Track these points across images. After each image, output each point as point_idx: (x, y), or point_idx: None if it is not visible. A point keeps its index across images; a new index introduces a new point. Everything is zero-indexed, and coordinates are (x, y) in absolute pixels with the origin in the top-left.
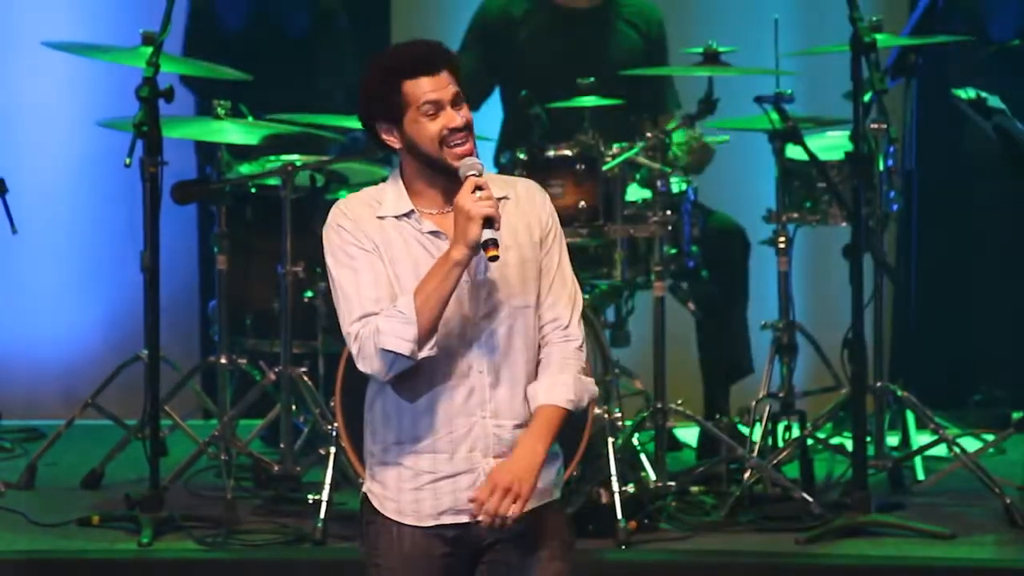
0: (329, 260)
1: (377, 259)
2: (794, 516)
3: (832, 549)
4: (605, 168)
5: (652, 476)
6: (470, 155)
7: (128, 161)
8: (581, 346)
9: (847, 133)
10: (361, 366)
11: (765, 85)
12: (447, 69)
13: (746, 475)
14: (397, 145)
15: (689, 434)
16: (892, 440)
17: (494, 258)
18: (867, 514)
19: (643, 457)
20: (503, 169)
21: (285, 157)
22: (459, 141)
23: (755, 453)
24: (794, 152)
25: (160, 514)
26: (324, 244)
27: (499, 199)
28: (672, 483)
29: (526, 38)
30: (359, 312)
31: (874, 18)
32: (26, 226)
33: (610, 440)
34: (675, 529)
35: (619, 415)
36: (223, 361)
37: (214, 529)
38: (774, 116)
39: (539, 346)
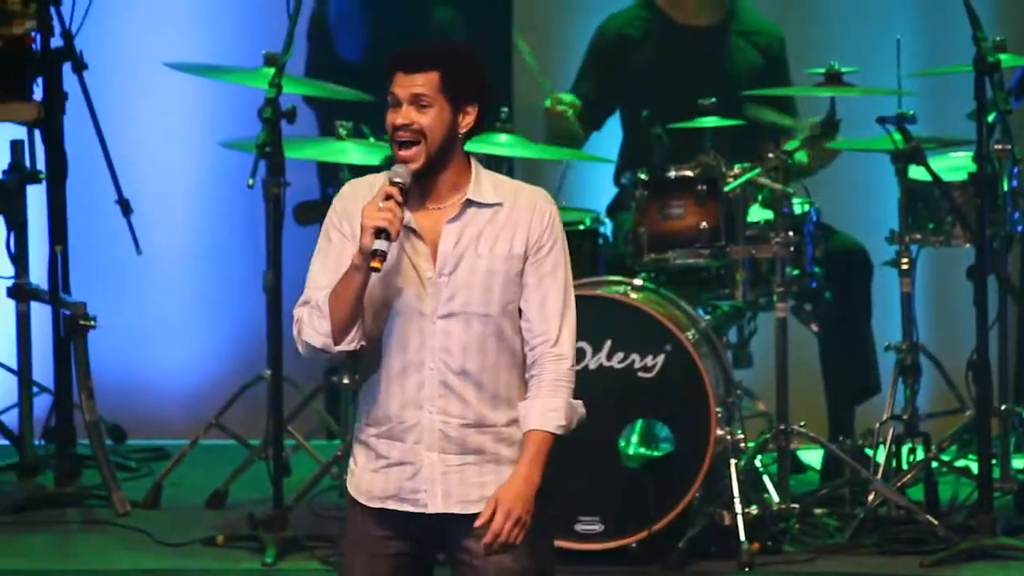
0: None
1: (350, 246)
2: (919, 539)
3: (957, 572)
4: (727, 189)
5: (775, 498)
6: (411, 160)
7: (251, 182)
8: (572, 365)
9: (971, 154)
10: (299, 348)
11: (887, 106)
12: (434, 71)
13: (870, 497)
14: None
15: (812, 456)
16: (1018, 463)
17: (375, 269)
18: (993, 537)
19: (766, 478)
20: (624, 190)
21: None
22: (401, 139)
23: (879, 475)
24: (917, 173)
25: (284, 534)
26: None
27: (492, 205)
28: (795, 505)
29: (644, 57)
30: (304, 296)
31: (998, 38)
32: (150, 246)
33: (733, 462)
34: (798, 551)
35: (742, 436)
36: (346, 381)
37: (338, 549)
38: (897, 136)
39: (522, 356)
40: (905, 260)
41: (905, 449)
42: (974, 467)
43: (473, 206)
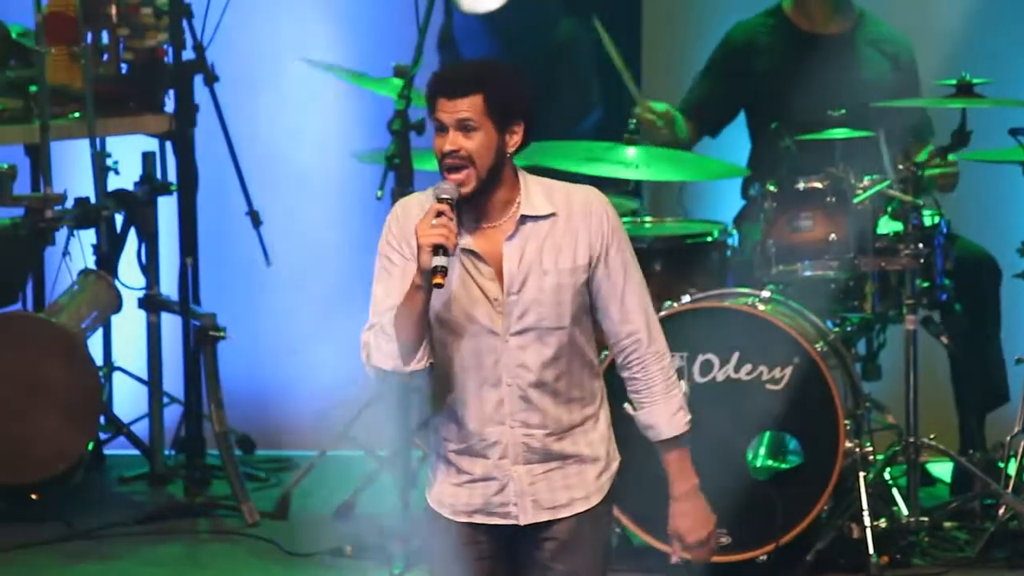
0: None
1: (412, 266)
2: None
3: None
4: (856, 201)
5: (904, 511)
6: (462, 184)
7: (380, 193)
8: (669, 356)
9: None
10: (369, 372)
11: (1019, 117)
12: (478, 94)
13: (1001, 511)
14: None
15: (942, 469)
16: None
17: (438, 285)
18: None
19: (895, 492)
20: (752, 202)
21: None
22: (449, 165)
23: (1010, 489)
24: None
25: (412, 544)
26: None
27: (546, 217)
28: (925, 518)
29: (771, 65)
30: (371, 320)
31: None
32: (279, 257)
33: (861, 474)
34: (928, 565)
35: (871, 449)
36: None
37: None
38: None
39: (592, 354)
40: None
41: None
42: None
43: (528, 221)
